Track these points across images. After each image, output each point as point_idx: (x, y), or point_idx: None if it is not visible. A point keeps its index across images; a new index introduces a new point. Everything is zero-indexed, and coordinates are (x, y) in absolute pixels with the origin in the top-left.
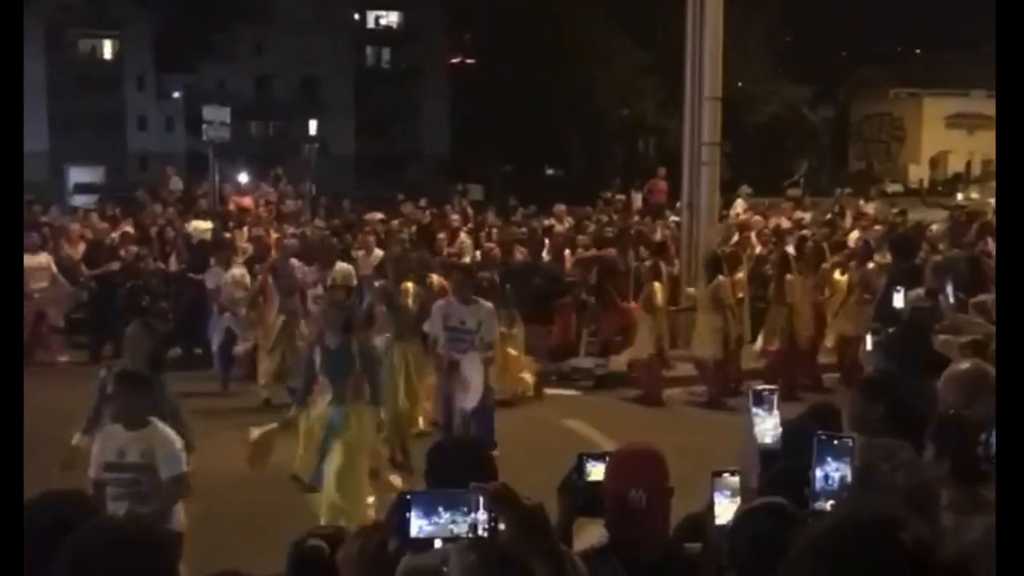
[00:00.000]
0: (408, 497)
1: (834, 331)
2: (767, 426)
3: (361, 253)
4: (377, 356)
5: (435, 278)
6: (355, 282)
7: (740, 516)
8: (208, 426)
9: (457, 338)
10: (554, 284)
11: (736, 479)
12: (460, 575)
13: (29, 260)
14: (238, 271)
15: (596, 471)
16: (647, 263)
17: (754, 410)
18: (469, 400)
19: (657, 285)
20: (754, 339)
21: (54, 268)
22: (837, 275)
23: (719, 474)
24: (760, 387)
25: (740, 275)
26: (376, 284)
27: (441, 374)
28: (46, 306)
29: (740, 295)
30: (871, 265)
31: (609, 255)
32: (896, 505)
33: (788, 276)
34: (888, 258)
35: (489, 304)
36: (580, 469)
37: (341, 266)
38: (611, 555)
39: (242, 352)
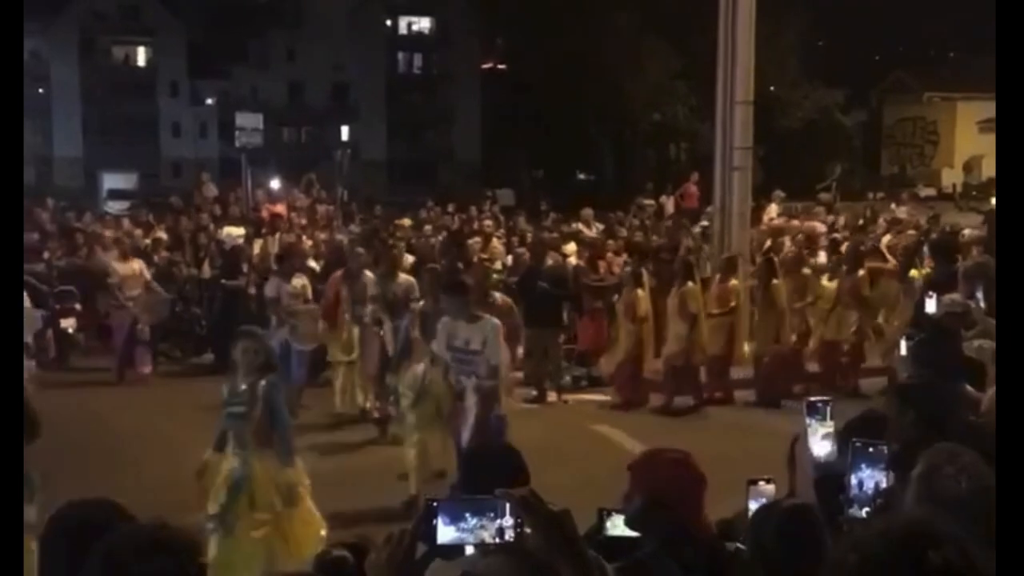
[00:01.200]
0: (435, 504)
1: (816, 337)
2: (820, 436)
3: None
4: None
5: (498, 296)
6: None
7: (761, 512)
8: None
9: (462, 360)
10: (561, 288)
11: (771, 487)
12: None
13: (121, 268)
14: (299, 281)
15: (616, 526)
16: (627, 269)
17: (808, 420)
18: (464, 436)
19: (639, 292)
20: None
21: (147, 275)
22: (825, 281)
23: (754, 482)
24: (814, 398)
25: (735, 281)
26: (412, 307)
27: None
28: (139, 315)
29: (733, 302)
30: (861, 272)
31: (579, 264)
32: (934, 522)
33: (775, 281)
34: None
35: (495, 320)
36: (600, 525)
37: (404, 278)
38: (663, 556)
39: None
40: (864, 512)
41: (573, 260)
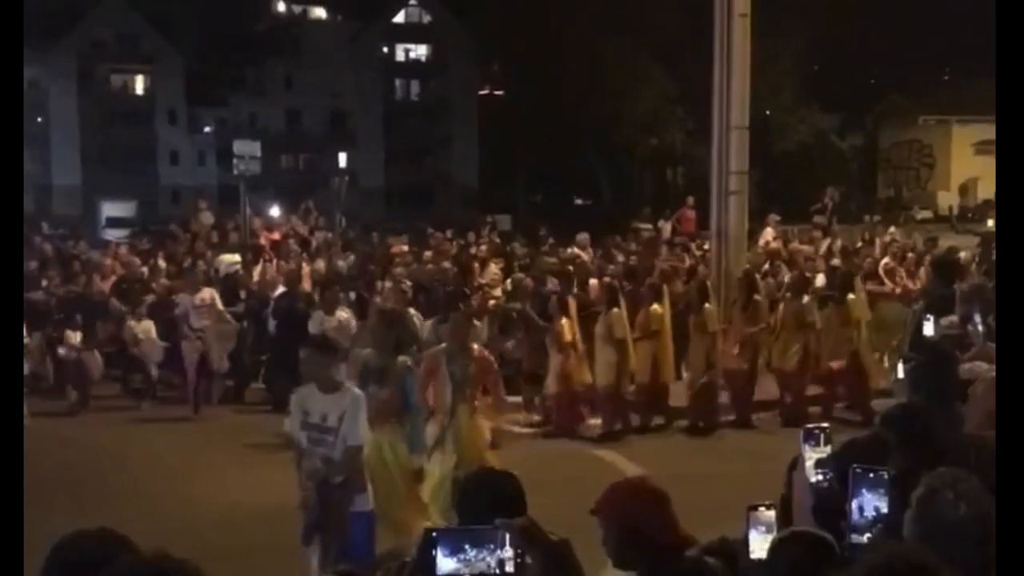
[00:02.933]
0: (434, 534)
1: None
2: (815, 462)
3: (389, 285)
4: None
5: (476, 348)
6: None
7: (777, 543)
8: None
9: (317, 441)
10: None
11: (771, 513)
12: None
13: (192, 298)
14: (343, 314)
15: None
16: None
17: (804, 447)
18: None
19: (616, 312)
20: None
21: (219, 304)
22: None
23: (755, 508)
24: (811, 425)
25: (708, 306)
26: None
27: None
28: (209, 346)
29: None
30: (806, 299)
31: (525, 282)
32: (929, 553)
33: (707, 305)
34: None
35: (356, 391)
36: None
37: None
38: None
39: None
40: (865, 538)
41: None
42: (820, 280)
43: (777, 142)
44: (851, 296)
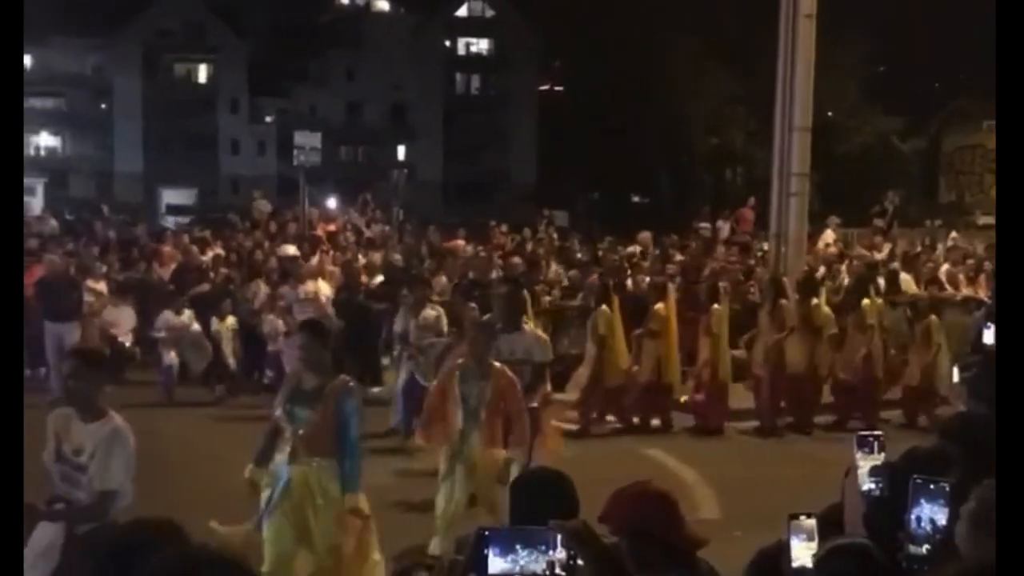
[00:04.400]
0: (487, 533)
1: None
2: (868, 470)
3: (444, 280)
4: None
5: (497, 365)
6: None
7: (824, 555)
8: None
9: (68, 477)
10: None
11: (812, 522)
12: None
13: (296, 290)
14: (431, 312)
15: None
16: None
17: (857, 454)
18: None
19: (660, 307)
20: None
21: (324, 297)
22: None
23: (795, 517)
24: (864, 432)
25: (659, 305)
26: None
27: None
28: None
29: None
30: (783, 301)
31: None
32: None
33: (716, 306)
34: None
35: (117, 422)
36: None
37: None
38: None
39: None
40: (924, 549)
41: None
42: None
43: (839, 144)
44: (866, 301)
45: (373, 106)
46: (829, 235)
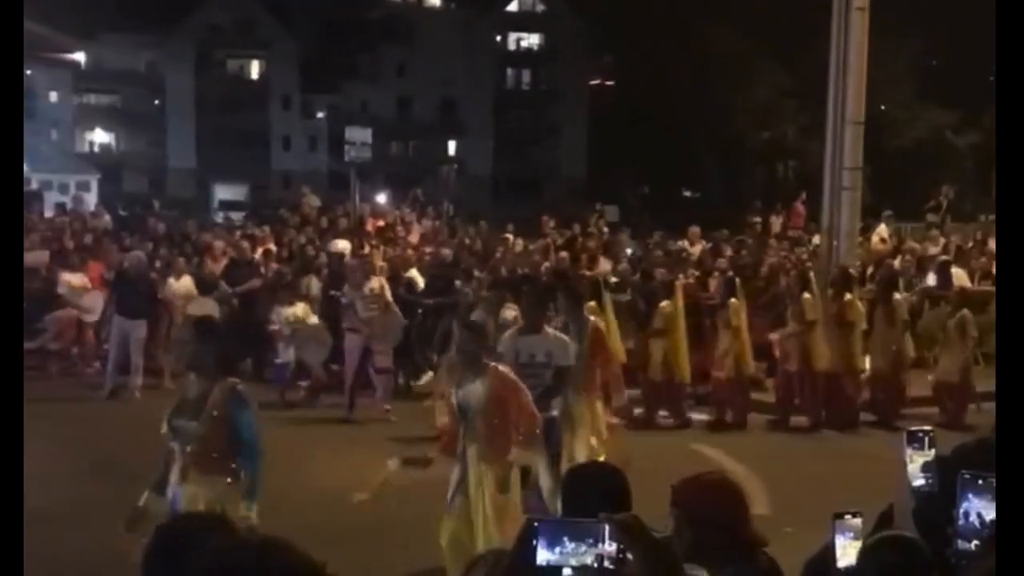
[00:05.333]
0: (536, 524)
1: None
2: (919, 466)
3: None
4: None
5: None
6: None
7: (870, 547)
8: None
9: None
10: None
11: (858, 521)
12: None
13: (360, 288)
14: (511, 314)
15: None
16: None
17: (907, 450)
18: None
19: (734, 302)
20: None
21: (388, 294)
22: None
23: (840, 516)
24: (914, 427)
25: (809, 296)
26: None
27: None
28: (373, 340)
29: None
30: (806, 296)
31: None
32: None
33: (733, 300)
34: None
35: None
36: None
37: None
38: (749, 569)
39: None
40: (972, 545)
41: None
42: (931, 279)
43: (892, 138)
44: (897, 296)
45: (423, 101)
46: (882, 230)
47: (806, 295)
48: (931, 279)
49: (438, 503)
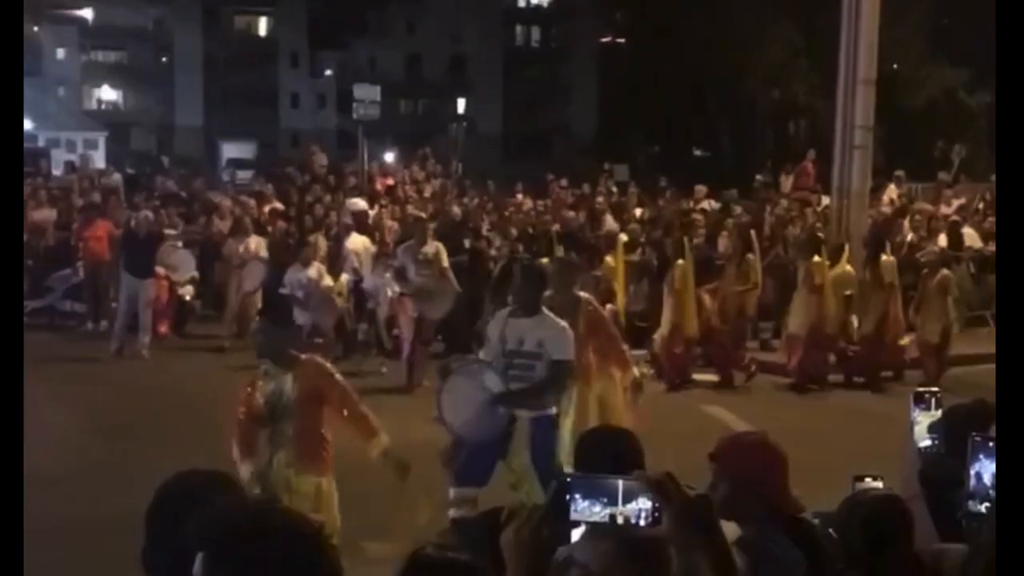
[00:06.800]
0: (569, 480)
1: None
2: (926, 427)
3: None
4: None
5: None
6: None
7: (850, 503)
8: None
9: None
10: None
11: (879, 484)
12: (593, 562)
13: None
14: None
15: None
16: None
17: (914, 411)
18: None
19: (751, 257)
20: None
21: (445, 260)
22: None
23: (860, 479)
24: (921, 389)
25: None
26: None
27: None
28: (425, 308)
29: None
30: (816, 259)
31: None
32: None
33: (680, 261)
34: None
35: None
36: None
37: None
38: (774, 530)
39: None
40: (983, 507)
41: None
42: (942, 240)
43: (904, 97)
44: (884, 258)
45: (433, 59)
46: (892, 190)
47: (816, 258)
48: (942, 240)
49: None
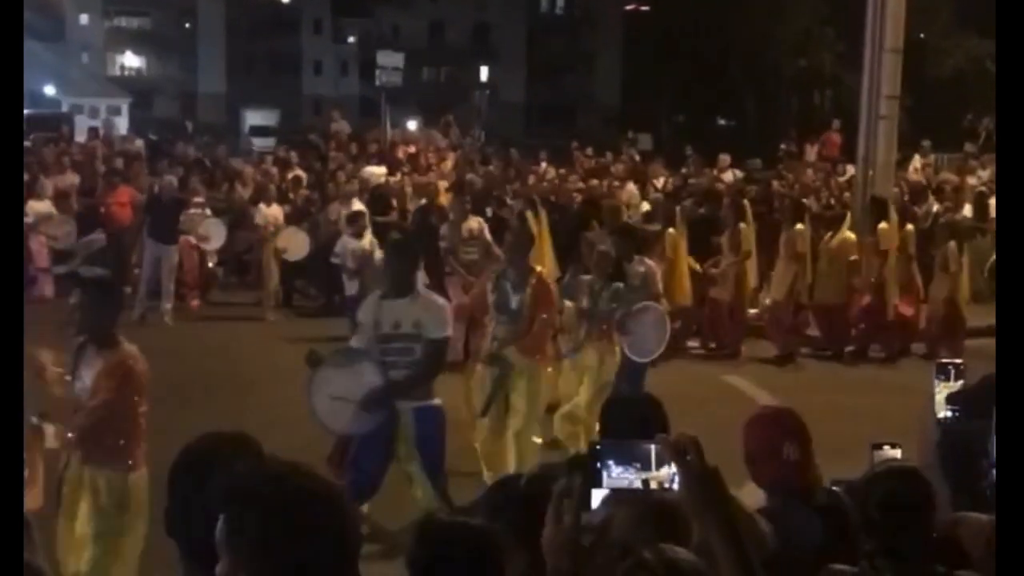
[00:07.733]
0: (599, 447)
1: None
2: (947, 397)
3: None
4: None
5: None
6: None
7: (874, 475)
8: None
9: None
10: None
11: (897, 452)
12: (616, 529)
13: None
14: (639, 269)
15: None
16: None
17: (935, 381)
18: None
19: (800, 228)
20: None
21: (488, 234)
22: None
23: (879, 447)
24: (944, 360)
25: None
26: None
27: None
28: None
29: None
30: (799, 227)
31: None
32: None
33: (670, 230)
34: None
35: None
36: None
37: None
38: (797, 502)
39: None
40: None
41: None
42: (967, 211)
43: (930, 67)
44: (883, 225)
45: (456, 26)
46: (918, 161)
47: (799, 227)
48: (967, 211)
49: None
